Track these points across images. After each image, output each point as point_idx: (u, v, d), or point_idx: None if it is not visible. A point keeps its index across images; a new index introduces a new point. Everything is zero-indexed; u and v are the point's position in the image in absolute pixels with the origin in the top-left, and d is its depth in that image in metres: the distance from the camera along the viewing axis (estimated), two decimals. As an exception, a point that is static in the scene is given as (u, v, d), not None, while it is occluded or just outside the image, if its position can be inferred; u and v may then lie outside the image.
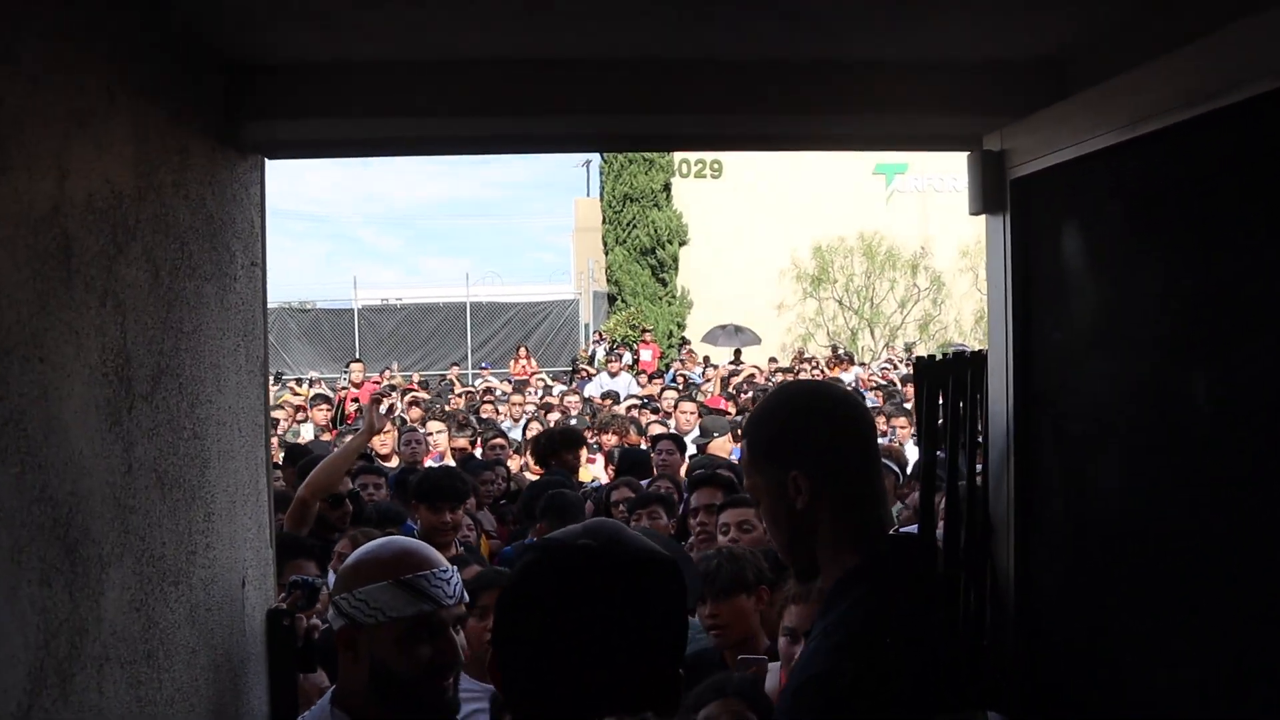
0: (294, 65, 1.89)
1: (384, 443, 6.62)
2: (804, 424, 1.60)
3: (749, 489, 1.67)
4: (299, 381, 15.36)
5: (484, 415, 9.29)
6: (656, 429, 8.29)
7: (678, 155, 21.05)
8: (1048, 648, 1.70)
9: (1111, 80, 1.50)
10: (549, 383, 14.66)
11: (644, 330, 18.77)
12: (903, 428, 7.07)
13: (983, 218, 1.86)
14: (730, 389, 11.26)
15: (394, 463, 6.47)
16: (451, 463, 6.43)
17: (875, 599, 1.48)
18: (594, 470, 6.97)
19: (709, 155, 21.05)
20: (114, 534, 1.49)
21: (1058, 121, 1.63)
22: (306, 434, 8.15)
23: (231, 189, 1.97)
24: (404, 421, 7.37)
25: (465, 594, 1.76)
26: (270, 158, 2.10)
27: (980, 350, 1.80)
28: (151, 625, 1.61)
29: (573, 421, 8.91)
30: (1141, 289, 1.45)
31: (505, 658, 1.33)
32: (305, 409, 9.29)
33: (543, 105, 1.84)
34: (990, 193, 1.80)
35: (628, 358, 16.24)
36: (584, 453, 6.31)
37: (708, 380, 12.95)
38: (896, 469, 4.81)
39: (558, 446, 5.79)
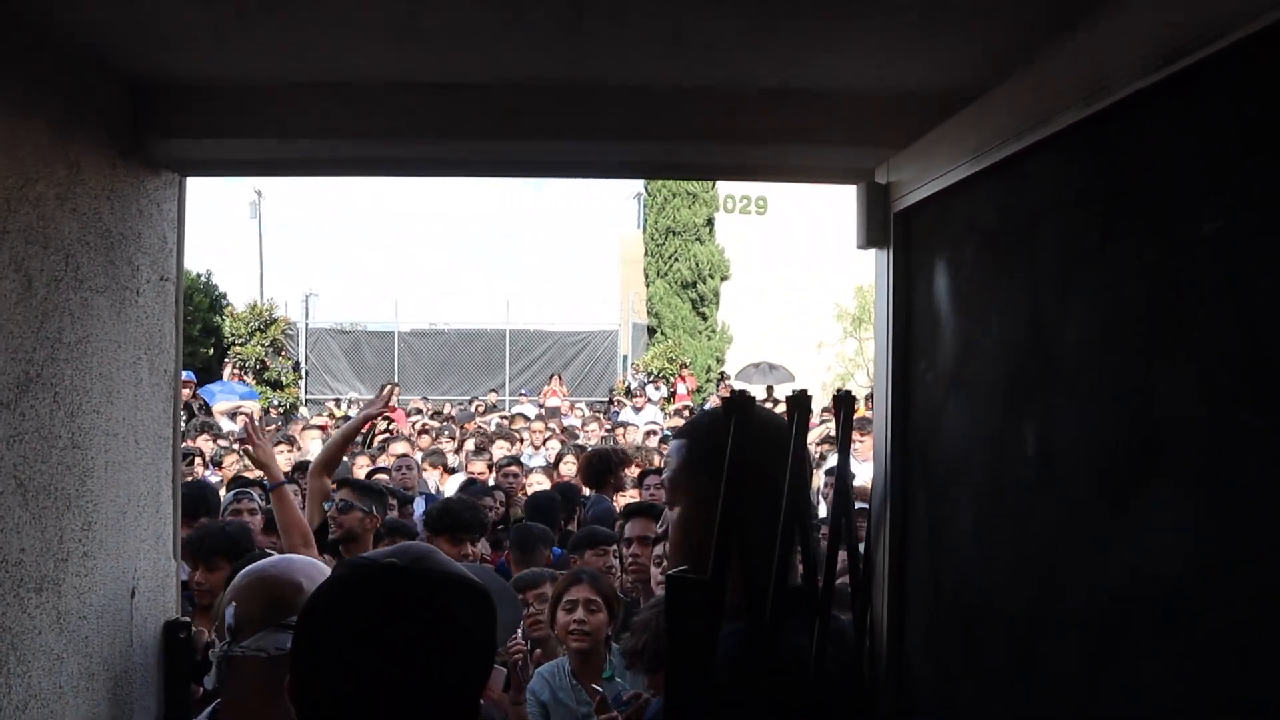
0: (198, 85, 1.92)
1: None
2: (700, 455, 1.64)
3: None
4: (337, 402, 15.61)
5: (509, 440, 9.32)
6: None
7: (722, 190, 21.06)
8: (915, 694, 1.63)
9: (965, 109, 1.46)
10: (583, 410, 14.73)
11: (682, 365, 18.74)
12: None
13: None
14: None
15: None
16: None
17: (732, 639, 1.48)
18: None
19: (754, 192, 21.04)
20: (-45, 537, 1.50)
21: (927, 151, 1.58)
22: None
23: (139, 204, 2.01)
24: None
25: None
26: (185, 175, 2.13)
27: (846, 390, 1.76)
28: (1, 630, 1.62)
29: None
30: (984, 330, 1.40)
31: (301, 678, 1.31)
32: (329, 429, 9.43)
33: (431, 128, 1.85)
34: (875, 226, 1.76)
35: (662, 390, 16.19)
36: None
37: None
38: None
39: (615, 466, 5.91)
